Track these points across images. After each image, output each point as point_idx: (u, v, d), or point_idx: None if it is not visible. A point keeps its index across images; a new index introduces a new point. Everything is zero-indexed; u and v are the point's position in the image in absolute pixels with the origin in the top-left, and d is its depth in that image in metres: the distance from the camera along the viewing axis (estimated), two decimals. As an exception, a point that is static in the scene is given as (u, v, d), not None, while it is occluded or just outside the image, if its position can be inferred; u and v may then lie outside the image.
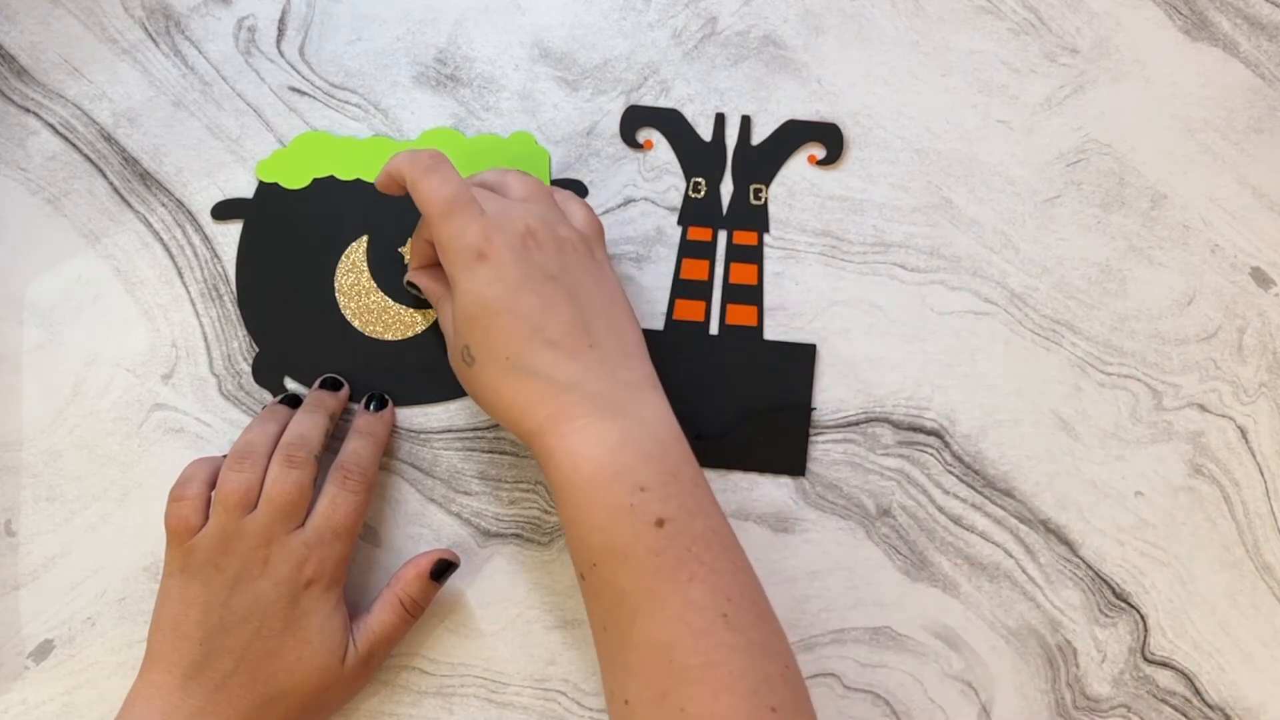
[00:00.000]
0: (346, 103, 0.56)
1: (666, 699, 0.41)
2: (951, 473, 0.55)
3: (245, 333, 0.55)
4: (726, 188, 0.56)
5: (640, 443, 0.44)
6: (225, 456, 0.50)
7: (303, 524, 0.48)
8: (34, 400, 0.55)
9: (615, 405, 0.44)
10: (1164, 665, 0.54)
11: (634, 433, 0.44)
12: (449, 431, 0.55)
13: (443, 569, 0.51)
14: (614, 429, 0.43)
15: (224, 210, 0.56)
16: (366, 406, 0.53)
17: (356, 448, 0.51)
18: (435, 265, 0.51)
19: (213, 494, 0.49)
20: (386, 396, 0.53)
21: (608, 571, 0.43)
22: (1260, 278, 0.55)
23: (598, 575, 0.43)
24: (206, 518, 0.48)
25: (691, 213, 0.56)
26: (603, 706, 0.54)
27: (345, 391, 0.53)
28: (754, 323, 0.55)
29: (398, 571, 0.52)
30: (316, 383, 0.53)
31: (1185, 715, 0.54)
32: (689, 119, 0.56)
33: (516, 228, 0.45)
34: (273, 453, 0.49)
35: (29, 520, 0.54)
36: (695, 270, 0.55)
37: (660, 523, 0.42)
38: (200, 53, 0.56)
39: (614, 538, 0.42)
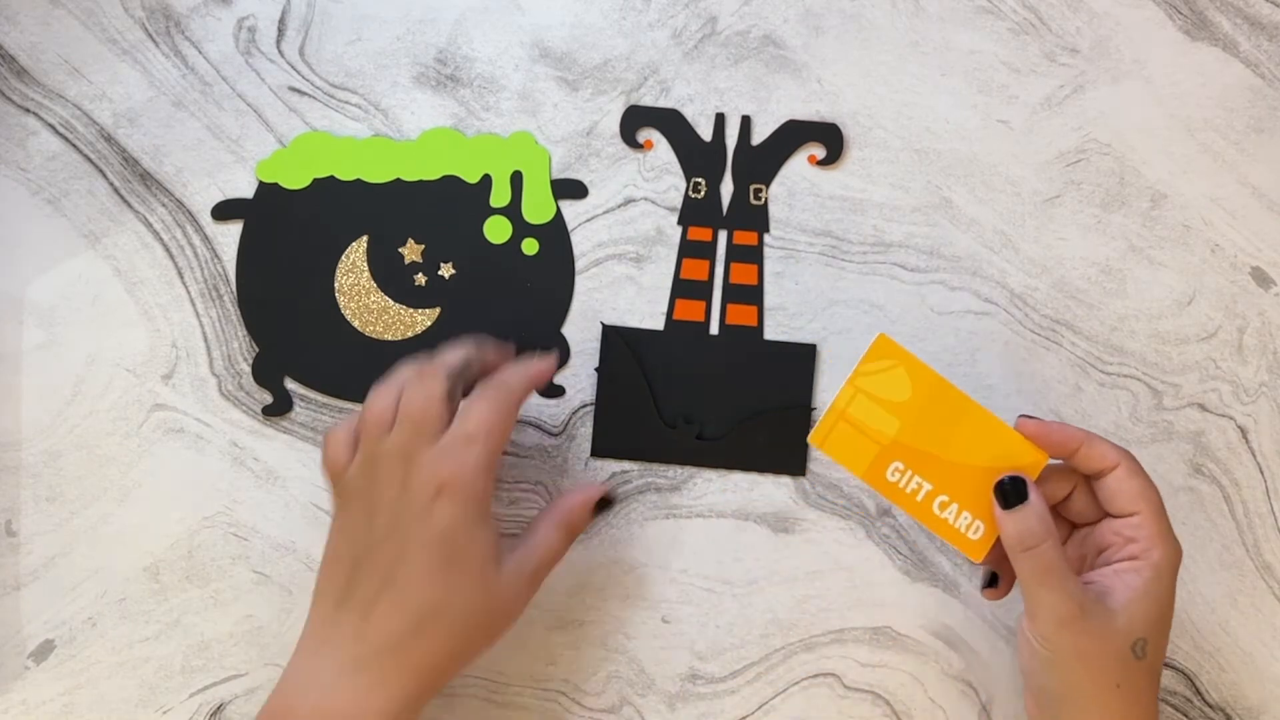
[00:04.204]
0: (346, 103, 0.56)
1: None
2: (951, 473, 0.55)
3: (245, 333, 0.55)
4: (726, 188, 0.56)
5: None
6: None
7: None
8: (34, 400, 0.55)
9: None
10: (1164, 665, 0.54)
11: None
12: (449, 431, 0.55)
13: (606, 504, 0.51)
14: None
15: (224, 210, 0.56)
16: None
17: (505, 369, 0.49)
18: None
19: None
20: (555, 348, 0.54)
21: None
22: (1260, 278, 0.55)
23: None
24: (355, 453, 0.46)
25: (691, 213, 0.56)
26: (603, 706, 0.54)
27: (508, 348, 0.51)
28: (754, 323, 0.55)
29: (560, 499, 0.50)
30: None
31: (1185, 715, 0.54)
32: (689, 119, 0.56)
33: None
34: None
35: (29, 520, 0.54)
36: (695, 270, 0.55)
37: None
38: (200, 53, 0.56)
39: None
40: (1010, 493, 0.45)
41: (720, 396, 0.55)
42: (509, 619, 0.47)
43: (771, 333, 0.55)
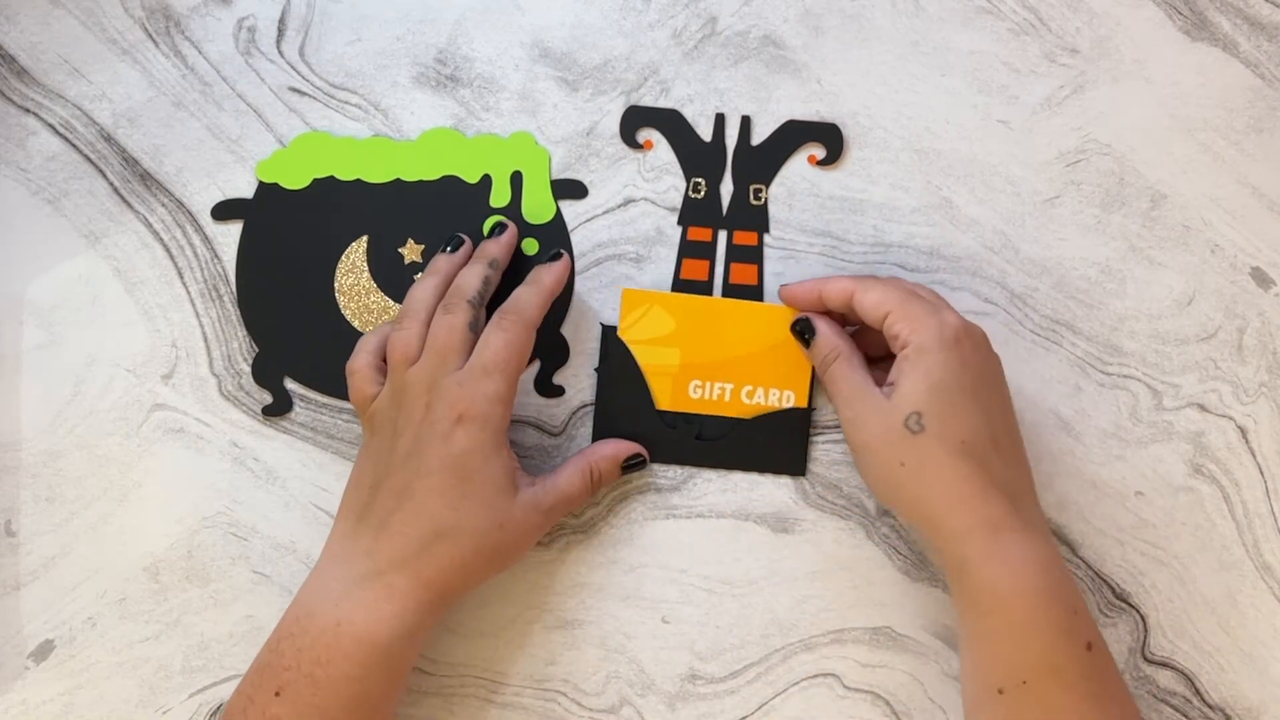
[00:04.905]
0: (346, 103, 0.56)
1: None
2: (951, 473, 0.54)
3: (245, 333, 0.55)
4: (726, 188, 0.56)
5: (1063, 566, 0.46)
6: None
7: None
8: (34, 400, 0.55)
9: (1039, 524, 0.46)
10: (1164, 665, 0.54)
11: (1058, 555, 0.46)
12: (449, 431, 0.54)
13: (636, 463, 0.53)
14: (1045, 547, 0.45)
15: (224, 210, 0.56)
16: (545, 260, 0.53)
17: (519, 293, 0.51)
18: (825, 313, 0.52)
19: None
20: (563, 251, 0.53)
21: (1040, 689, 0.43)
22: (1260, 278, 0.55)
23: (1027, 692, 0.43)
24: (382, 383, 0.49)
25: (691, 213, 0.56)
26: (603, 706, 0.54)
27: (508, 236, 0.53)
28: (754, 323, 0.55)
29: (593, 445, 0.53)
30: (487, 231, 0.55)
31: (1185, 715, 0.54)
32: (689, 119, 0.56)
33: (978, 333, 0.49)
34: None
35: (29, 520, 0.54)
36: (695, 270, 0.55)
37: (1089, 646, 0.44)
38: (200, 53, 0.56)
39: (1053, 656, 0.44)
40: (804, 331, 0.51)
41: (720, 396, 0.55)
42: (518, 548, 0.49)
43: (771, 333, 0.55)
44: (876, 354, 0.52)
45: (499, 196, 0.55)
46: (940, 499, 0.45)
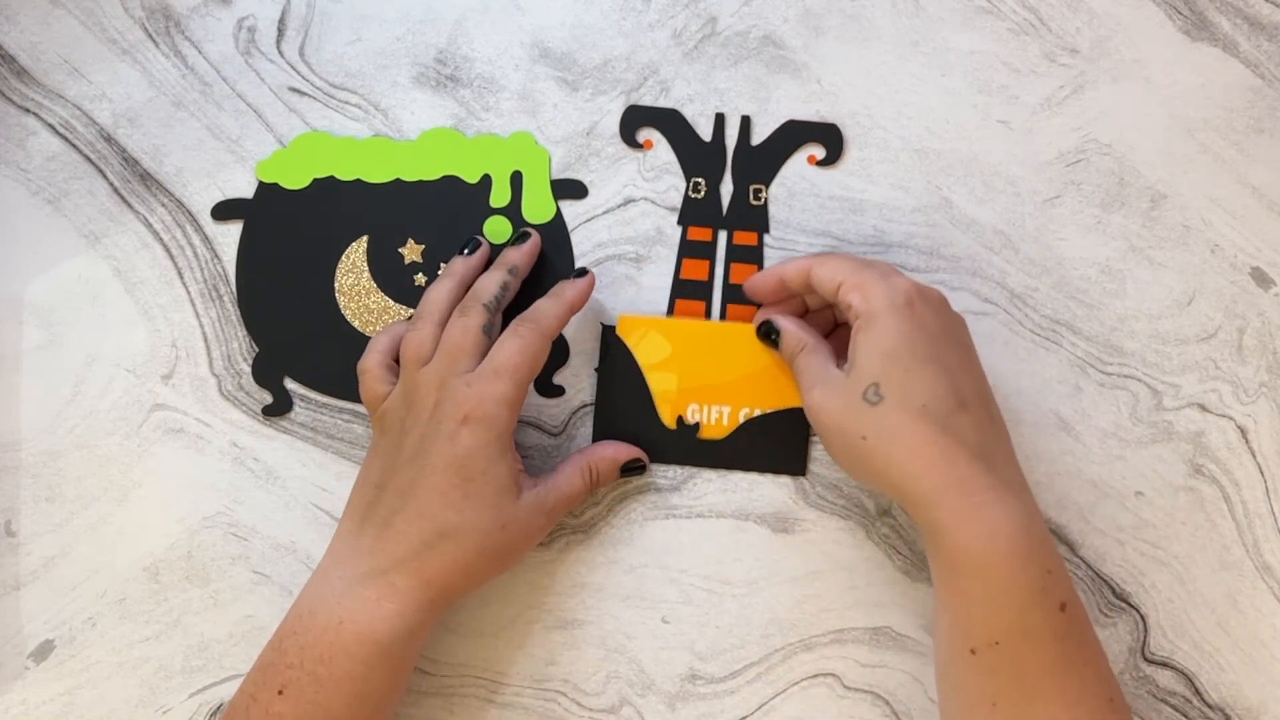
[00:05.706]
0: (346, 103, 0.56)
1: None
2: (951, 473, 0.55)
3: (245, 333, 0.55)
4: (726, 188, 0.56)
5: (1040, 525, 0.45)
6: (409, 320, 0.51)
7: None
8: (34, 400, 0.55)
9: (1015, 483, 0.45)
10: (1164, 665, 0.54)
11: (1035, 514, 0.45)
12: (449, 431, 0.54)
13: (634, 467, 0.53)
14: (1020, 507, 0.44)
15: (224, 210, 0.56)
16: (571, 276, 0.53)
17: (540, 303, 0.51)
18: (788, 311, 0.53)
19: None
20: (589, 269, 0.53)
21: (1012, 650, 0.43)
22: (1260, 278, 0.55)
23: (998, 653, 0.43)
24: (393, 383, 0.50)
25: (691, 213, 0.56)
26: (603, 706, 0.54)
27: (530, 245, 0.53)
28: (754, 323, 0.55)
29: (593, 446, 0.53)
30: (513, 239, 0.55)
31: (1185, 715, 0.54)
32: (689, 119, 0.56)
33: (933, 294, 0.48)
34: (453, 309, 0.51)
35: (29, 520, 0.54)
36: (695, 270, 0.55)
37: (1063, 607, 0.44)
38: (200, 53, 0.56)
39: (1026, 618, 0.43)
40: (769, 332, 0.52)
41: (720, 396, 0.55)
42: (521, 549, 0.50)
43: (771, 333, 0.55)
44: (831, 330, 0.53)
45: (499, 196, 0.55)
46: (906, 466, 0.44)
